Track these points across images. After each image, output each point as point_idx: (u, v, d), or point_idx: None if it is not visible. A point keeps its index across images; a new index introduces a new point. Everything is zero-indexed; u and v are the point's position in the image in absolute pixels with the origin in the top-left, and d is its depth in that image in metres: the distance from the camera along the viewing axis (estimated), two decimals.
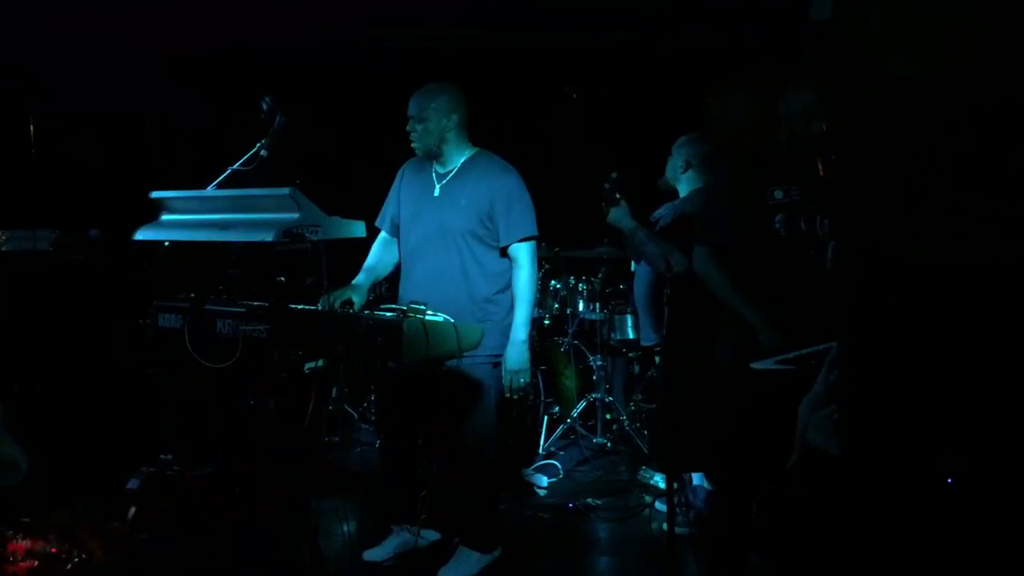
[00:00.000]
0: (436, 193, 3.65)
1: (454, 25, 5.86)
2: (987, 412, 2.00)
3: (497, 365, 3.62)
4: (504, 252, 3.62)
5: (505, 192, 3.58)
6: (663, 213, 4.45)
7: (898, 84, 1.95)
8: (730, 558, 3.42)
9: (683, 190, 4.40)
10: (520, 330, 3.59)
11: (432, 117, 3.56)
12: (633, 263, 5.12)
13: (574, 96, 6.68)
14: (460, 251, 3.58)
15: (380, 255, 3.85)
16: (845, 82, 2.03)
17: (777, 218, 3.25)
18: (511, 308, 3.64)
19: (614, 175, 3.83)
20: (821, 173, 3.21)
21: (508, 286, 3.65)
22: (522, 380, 3.62)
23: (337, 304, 3.34)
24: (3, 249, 4.80)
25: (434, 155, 3.64)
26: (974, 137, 1.95)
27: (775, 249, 3.25)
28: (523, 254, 3.60)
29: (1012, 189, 1.94)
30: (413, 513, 3.80)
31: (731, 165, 3.63)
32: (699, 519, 4.13)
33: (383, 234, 3.86)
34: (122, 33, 5.73)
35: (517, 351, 3.59)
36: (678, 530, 3.82)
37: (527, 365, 3.63)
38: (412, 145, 3.63)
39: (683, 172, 4.39)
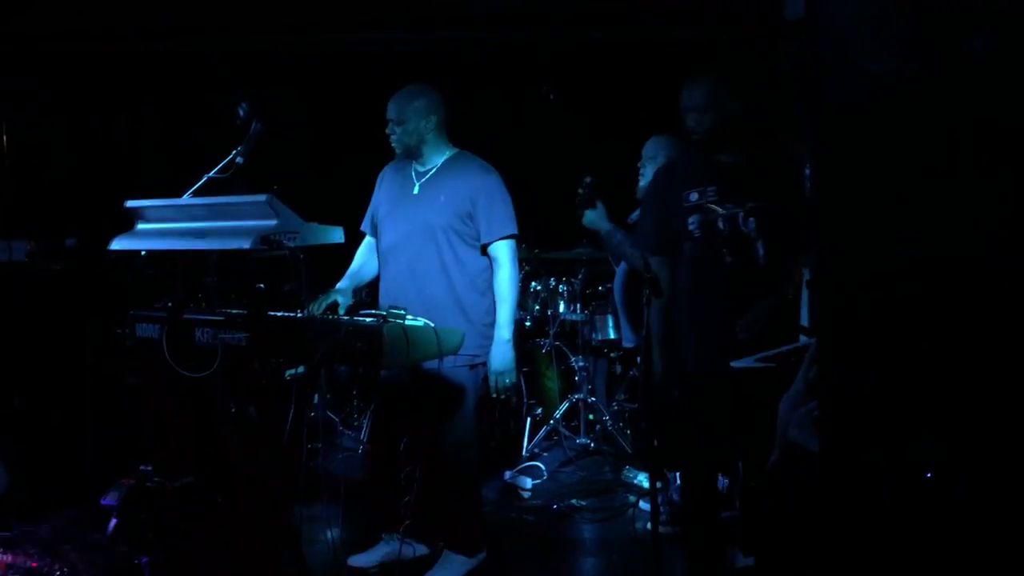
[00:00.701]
0: (416, 191, 3.64)
1: (430, 27, 5.85)
2: (968, 406, 2.01)
3: (475, 367, 3.62)
4: (484, 251, 3.62)
5: (486, 191, 3.58)
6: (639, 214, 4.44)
7: (870, 79, 1.96)
8: (704, 554, 3.43)
9: None
10: (504, 329, 3.59)
11: (411, 119, 3.56)
12: (614, 263, 5.13)
13: (552, 97, 6.67)
14: (439, 247, 3.57)
15: (364, 259, 3.85)
16: (818, 78, 2.03)
17: (691, 219, 3.29)
18: (489, 310, 3.63)
19: (588, 179, 3.83)
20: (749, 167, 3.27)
21: (488, 288, 3.64)
22: (507, 380, 3.61)
23: (322, 308, 3.32)
24: None
25: (413, 155, 3.64)
26: (947, 131, 1.96)
27: (690, 250, 3.29)
28: (503, 252, 3.60)
29: (986, 181, 1.96)
30: (399, 520, 3.78)
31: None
32: (678, 516, 4.14)
33: (367, 238, 3.86)
34: (98, 32, 5.68)
35: (502, 351, 3.59)
36: (662, 529, 3.82)
37: (512, 365, 3.62)
38: (392, 145, 3.63)
39: None
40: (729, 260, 3.26)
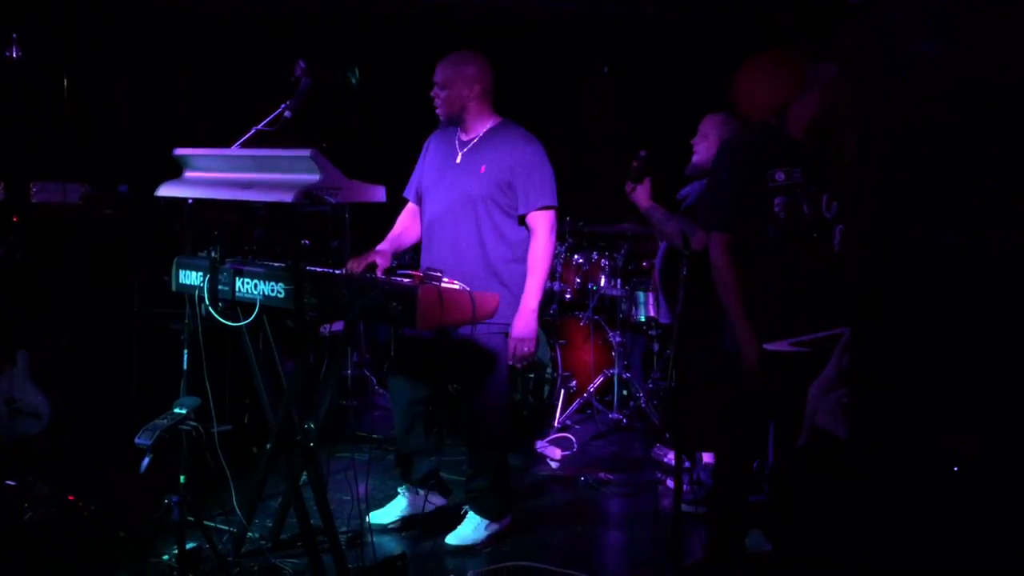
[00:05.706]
0: (458, 160, 3.66)
1: None
2: (1003, 400, 1.98)
3: (510, 335, 3.63)
4: (523, 221, 3.62)
5: (527, 161, 3.58)
6: (689, 192, 4.41)
7: (924, 62, 1.92)
8: (726, 535, 3.42)
9: None
10: (530, 298, 3.59)
11: (455, 85, 3.57)
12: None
13: (605, 70, 6.62)
14: (478, 217, 3.58)
15: (406, 224, 3.88)
16: (867, 59, 1.99)
17: (777, 201, 3.19)
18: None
19: (643, 153, 3.77)
20: (834, 152, 3.14)
21: (526, 257, 3.65)
22: (526, 348, 3.62)
23: (360, 268, 3.36)
24: (33, 200, 4.87)
25: (456, 121, 3.65)
26: (998, 118, 1.91)
27: (774, 233, 3.19)
28: (541, 223, 3.60)
29: None
30: (421, 477, 3.82)
31: (731, 146, 3.47)
32: (710, 498, 4.13)
33: (410, 204, 3.88)
34: None
35: (525, 319, 3.59)
36: (687, 508, 3.82)
37: (533, 334, 3.62)
38: (436, 111, 3.64)
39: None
40: (811, 244, 3.17)
